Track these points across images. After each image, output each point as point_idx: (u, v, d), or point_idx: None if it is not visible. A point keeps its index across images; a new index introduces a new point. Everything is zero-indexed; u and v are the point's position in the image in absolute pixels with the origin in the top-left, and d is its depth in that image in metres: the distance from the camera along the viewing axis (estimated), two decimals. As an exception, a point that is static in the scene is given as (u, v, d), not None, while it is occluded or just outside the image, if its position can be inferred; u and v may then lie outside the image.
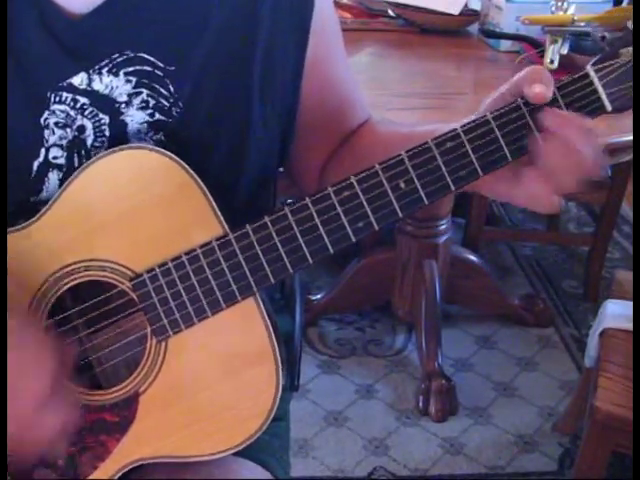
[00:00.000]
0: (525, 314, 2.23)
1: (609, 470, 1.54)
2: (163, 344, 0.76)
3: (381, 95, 1.63)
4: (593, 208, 2.72)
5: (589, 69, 0.71)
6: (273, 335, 0.76)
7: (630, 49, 0.70)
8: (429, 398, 1.92)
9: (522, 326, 2.23)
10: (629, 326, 1.47)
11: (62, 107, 0.77)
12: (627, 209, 2.70)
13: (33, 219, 0.75)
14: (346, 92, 0.92)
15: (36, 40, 0.76)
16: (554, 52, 1.65)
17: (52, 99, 0.76)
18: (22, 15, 0.75)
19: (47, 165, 0.77)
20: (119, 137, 0.78)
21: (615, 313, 1.54)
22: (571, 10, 1.68)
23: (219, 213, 0.74)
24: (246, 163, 0.82)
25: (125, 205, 0.74)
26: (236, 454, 0.80)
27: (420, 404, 1.93)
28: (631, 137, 1.46)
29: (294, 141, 0.88)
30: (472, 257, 2.22)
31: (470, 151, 0.71)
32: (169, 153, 0.74)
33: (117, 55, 0.77)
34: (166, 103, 0.78)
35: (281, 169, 0.93)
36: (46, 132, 0.77)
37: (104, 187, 0.74)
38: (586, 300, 2.35)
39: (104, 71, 0.77)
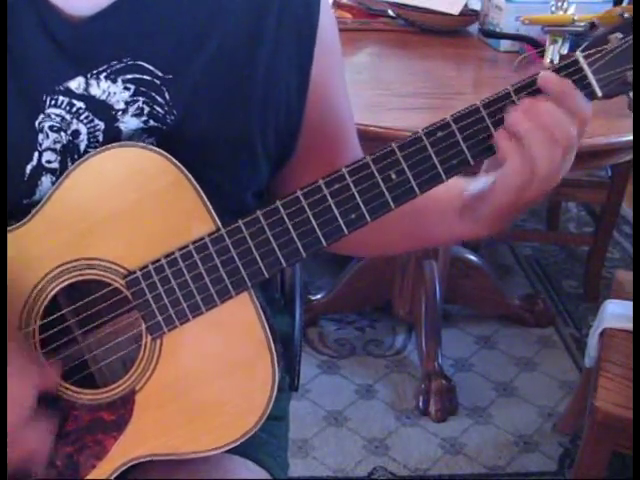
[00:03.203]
0: (525, 314, 2.23)
1: (609, 470, 1.53)
2: (158, 341, 0.76)
3: (381, 95, 1.64)
4: (593, 208, 2.72)
5: (578, 55, 0.71)
6: (268, 330, 0.75)
7: (618, 35, 0.70)
8: (429, 398, 1.91)
9: (522, 326, 2.22)
10: (629, 326, 1.47)
11: (57, 111, 0.76)
12: (627, 209, 2.70)
13: (25, 219, 0.75)
14: (343, 120, 0.90)
15: (34, 42, 0.75)
16: (554, 52, 1.65)
17: (48, 102, 0.76)
18: (21, 17, 0.75)
19: (40, 169, 0.77)
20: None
21: (615, 313, 1.54)
22: (571, 10, 1.68)
23: (211, 209, 0.74)
24: (239, 177, 0.82)
25: (117, 203, 0.74)
26: (234, 453, 0.80)
27: (420, 404, 1.92)
28: (631, 137, 1.46)
29: (289, 162, 0.87)
30: (472, 257, 2.21)
31: (461, 140, 0.71)
32: (161, 151, 0.74)
33: (116, 62, 0.76)
34: (161, 110, 0.78)
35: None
36: (40, 136, 0.76)
37: (96, 185, 0.74)
38: (586, 300, 2.35)
39: (102, 76, 0.76)
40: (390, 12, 2.04)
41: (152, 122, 0.78)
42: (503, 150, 0.71)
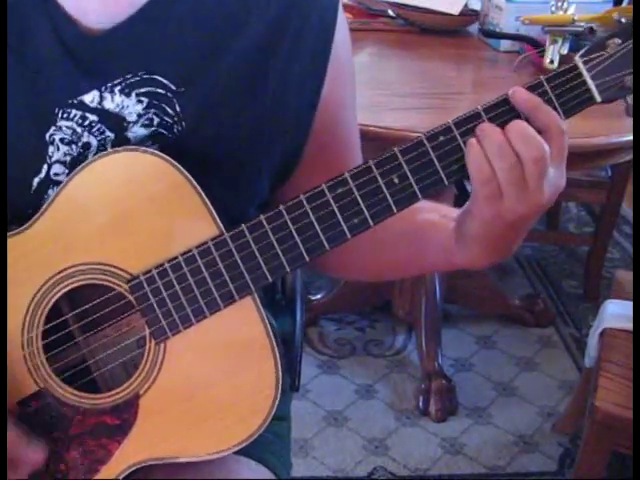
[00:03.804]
0: (525, 314, 2.23)
1: (609, 470, 1.54)
2: (162, 346, 0.76)
3: (381, 95, 1.64)
4: (593, 208, 2.72)
5: (577, 60, 0.71)
6: (271, 332, 0.75)
7: (617, 40, 0.71)
8: (429, 398, 1.91)
9: (522, 326, 2.22)
10: (629, 326, 1.47)
11: (69, 123, 0.76)
12: (627, 209, 2.70)
13: (28, 223, 0.75)
14: (348, 134, 0.90)
15: (50, 55, 0.75)
16: (554, 52, 1.65)
17: (60, 115, 0.75)
18: (37, 28, 0.75)
19: (48, 182, 0.77)
20: None
21: (615, 313, 1.54)
22: (571, 10, 1.68)
23: (214, 213, 0.74)
24: (240, 190, 0.82)
25: (120, 207, 0.74)
26: (239, 453, 0.80)
27: (420, 404, 1.92)
28: (631, 137, 1.46)
29: (291, 176, 0.87)
30: (472, 257, 2.21)
31: (462, 144, 0.71)
32: (163, 154, 0.73)
33: (130, 75, 0.76)
34: (169, 120, 0.77)
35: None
36: (50, 148, 0.76)
37: (98, 189, 0.74)
38: (586, 300, 2.35)
39: (116, 90, 0.76)
40: (390, 12, 2.04)
41: (159, 130, 0.77)
42: (467, 149, 0.71)
